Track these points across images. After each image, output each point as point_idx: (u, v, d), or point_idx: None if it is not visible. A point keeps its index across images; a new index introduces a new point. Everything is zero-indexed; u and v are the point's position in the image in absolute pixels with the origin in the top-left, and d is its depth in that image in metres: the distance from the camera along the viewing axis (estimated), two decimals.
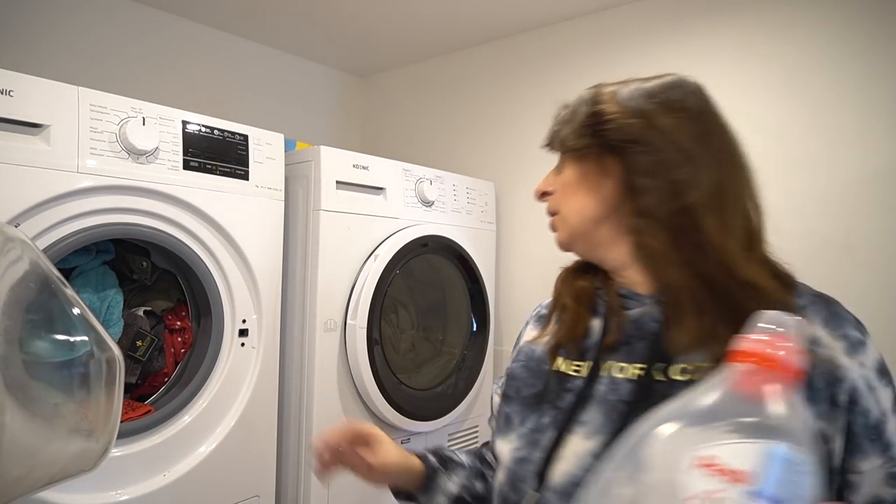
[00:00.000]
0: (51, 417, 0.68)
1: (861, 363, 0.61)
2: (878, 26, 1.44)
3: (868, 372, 0.61)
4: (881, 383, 0.61)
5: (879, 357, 0.63)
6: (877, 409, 0.60)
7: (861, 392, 0.60)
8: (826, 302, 0.65)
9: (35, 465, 0.65)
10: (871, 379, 0.61)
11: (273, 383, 1.43)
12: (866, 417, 0.60)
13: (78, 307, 0.70)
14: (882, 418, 0.60)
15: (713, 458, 0.41)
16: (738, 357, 0.44)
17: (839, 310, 0.64)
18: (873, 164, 1.43)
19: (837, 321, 0.63)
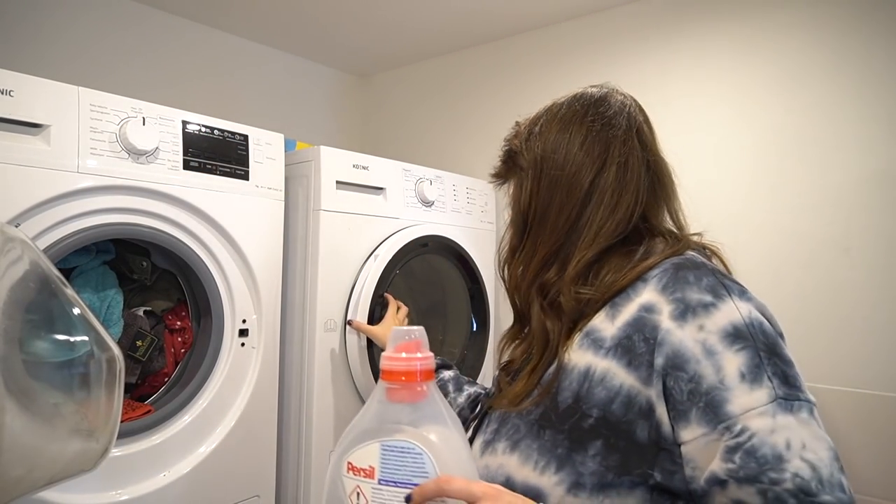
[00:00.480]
0: (51, 417, 0.68)
1: (699, 326, 0.58)
2: (878, 28, 1.44)
3: (708, 336, 0.57)
4: (728, 348, 0.56)
5: (737, 320, 0.58)
6: (714, 375, 0.55)
7: (688, 356, 0.57)
8: (676, 268, 0.63)
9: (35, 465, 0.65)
10: (710, 343, 0.57)
11: (273, 383, 1.43)
12: (696, 383, 0.56)
13: (78, 307, 0.70)
14: (719, 385, 0.55)
15: (351, 462, 0.57)
16: (384, 377, 0.59)
17: (688, 275, 0.62)
18: (872, 165, 1.43)
19: (677, 285, 0.61)
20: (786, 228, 1.53)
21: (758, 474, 0.52)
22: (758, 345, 0.57)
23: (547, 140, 0.74)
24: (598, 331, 0.65)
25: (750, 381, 0.55)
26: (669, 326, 0.59)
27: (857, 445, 1.39)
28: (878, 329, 1.40)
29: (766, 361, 0.56)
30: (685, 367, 0.57)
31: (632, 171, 0.71)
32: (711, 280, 0.61)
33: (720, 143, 1.66)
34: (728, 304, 0.59)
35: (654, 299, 0.62)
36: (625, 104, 0.76)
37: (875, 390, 1.40)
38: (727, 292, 0.60)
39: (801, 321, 1.50)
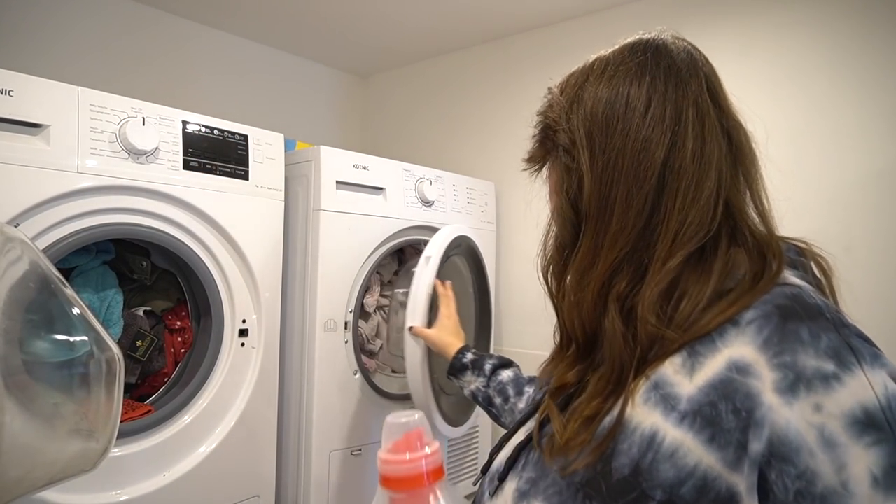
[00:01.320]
0: (51, 417, 0.68)
1: (816, 406, 0.43)
2: (880, 27, 1.44)
3: (828, 421, 0.42)
4: (857, 441, 0.41)
5: (870, 401, 0.42)
6: (834, 475, 0.41)
7: (798, 445, 0.42)
8: (783, 316, 0.47)
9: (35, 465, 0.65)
10: (831, 431, 0.42)
11: (273, 383, 1.43)
12: (807, 482, 0.42)
13: (78, 307, 0.70)
14: (840, 489, 0.41)
15: None
16: (383, 483, 0.48)
17: (802, 329, 0.45)
18: (874, 164, 1.43)
19: (785, 344, 0.45)
20: (785, 227, 1.53)
21: None
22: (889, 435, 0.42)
23: (596, 108, 0.56)
24: (671, 385, 0.49)
25: (885, 487, 0.40)
26: (773, 402, 0.44)
27: None
28: (879, 329, 1.40)
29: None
30: (794, 458, 0.42)
31: (710, 145, 0.54)
32: (834, 340, 0.45)
33: None
34: (857, 378, 0.43)
35: (751, 358, 0.46)
36: (690, 52, 0.58)
37: None
38: (856, 359, 0.44)
39: None
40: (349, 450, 1.52)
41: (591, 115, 0.56)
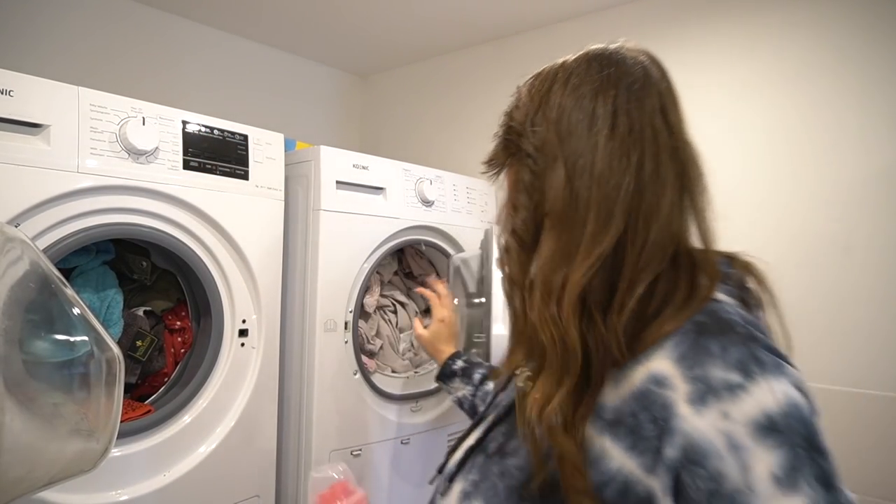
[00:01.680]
0: (51, 417, 0.68)
1: (723, 414, 0.46)
2: (880, 27, 1.44)
3: (734, 427, 0.46)
4: (759, 444, 0.45)
5: (771, 407, 0.46)
6: (740, 476, 0.45)
7: (708, 450, 0.46)
8: (697, 332, 0.50)
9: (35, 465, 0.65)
10: (736, 436, 0.46)
11: (273, 383, 1.43)
12: (716, 483, 0.45)
13: (78, 307, 0.70)
14: (745, 489, 0.44)
15: None
16: None
17: (711, 344, 0.49)
18: (874, 164, 1.43)
19: (698, 358, 0.48)
20: (786, 227, 1.53)
21: None
22: (795, 440, 0.46)
23: (561, 118, 0.57)
24: (600, 395, 0.53)
25: (785, 486, 0.44)
26: (685, 412, 0.47)
27: (857, 445, 1.39)
28: (879, 328, 1.40)
29: (805, 461, 0.46)
30: (704, 462, 0.46)
31: (664, 165, 0.56)
32: (741, 352, 0.48)
33: (720, 142, 1.66)
34: (760, 387, 0.47)
35: (668, 372, 0.49)
36: (646, 68, 0.59)
37: (875, 390, 1.40)
38: (759, 369, 0.48)
39: (800, 321, 1.49)
40: (349, 450, 1.52)
41: (555, 123, 0.58)
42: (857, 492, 0.52)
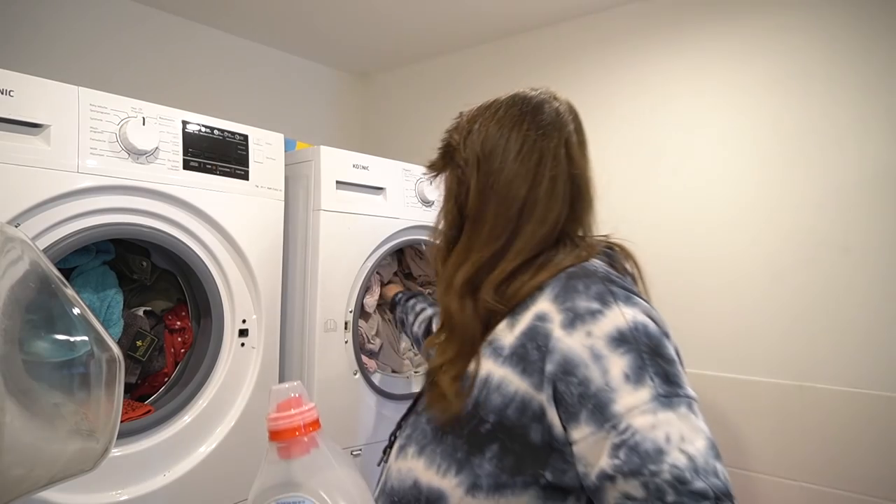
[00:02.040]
0: (51, 417, 0.68)
1: (587, 333, 0.61)
2: (877, 29, 1.44)
3: (595, 341, 0.61)
4: (614, 352, 0.60)
5: (622, 325, 0.61)
6: (601, 378, 0.59)
7: (577, 362, 0.61)
8: (568, 277, 0.67)
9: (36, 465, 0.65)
10: (597, 348, 0.60)
11: (273, 383, 1.42)
12: (585, 386, 0.59)
13: (78, 307, 0.70)
14: (605, 387, 0.59)
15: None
16: (271, 437, 0.61)
17: (578, 284, 0.65)
18: (871, 165, 1.43)
19: (567, 294, 0.65)
20: (785, 228, 1.53)
21: (640, 468, 0.56)
22: (641, 347, 0.60)
23: (485, 141, 0.75)
24: (499, 339, 0.68)
25: (633, 382, 0.58)
26: (560, 335, 0.62)
27: (858, 445, 1.39)
28: (879, 329, 1.41)
29: (648, 363, 0.59)
30: (575, 371, 0.60)
31: (559, 185, 0.73)
32: (599, 288, 0.64)
33: (720, 142, 1.66)
34: (613, 311, 0.62)
35: (547, 308, 0.65)
36: (559, 114, 0.77)
37: (875, 390, 1.40)
38: (613, 299, 0.63)
39: (800, 321, 1.50)
40: (349, 449, 1.52)
41: (480, 145, 0.76)
42: (856, 492, 0.53)
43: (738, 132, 1.63)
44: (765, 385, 1.54)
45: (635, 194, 1.76)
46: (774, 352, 1.54)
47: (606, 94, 1.87)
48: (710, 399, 1.61)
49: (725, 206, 1.63)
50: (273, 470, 0.61)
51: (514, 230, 0.72)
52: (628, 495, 0.56)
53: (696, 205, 1.68)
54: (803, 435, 1.47)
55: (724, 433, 1.60)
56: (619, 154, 1.82)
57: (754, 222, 1.58)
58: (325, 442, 0.63)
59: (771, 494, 1.51)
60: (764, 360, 1.55)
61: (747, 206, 1.60)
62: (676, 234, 1.70)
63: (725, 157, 1.65)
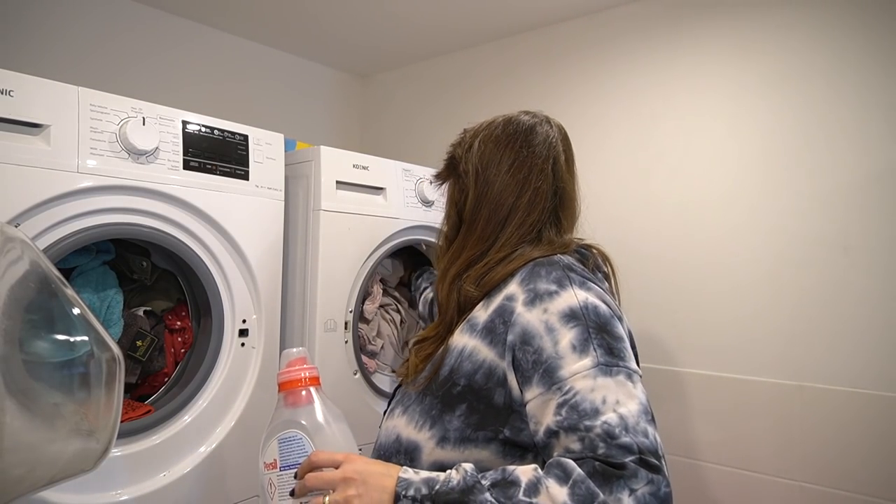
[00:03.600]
0: (51, 417, 0.68)
1: (544, 310, 0.72)
2: (877, 29, 1.44)
3: (549, 317, 0.71)
4: (564, 326, 0.70)
5: (574, 304, 0.72)
6: (552, 347, 0.69)
7: (533, 333, 0.71)
8: (534, 265, 0.78)
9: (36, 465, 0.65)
10: (551, 322, 0.71)
11: (273, 383, 1.42)
12: (538, 354, 0.70)
13: (78, 307, 0.70)
14: (555, 355, 0.69)
15: (263, 461, 0.73)
16: (280, 389, 0.79)
17: (541, 270, 0.76)
18: (872, 165, 1.43)
19: (531, 278, 0.76)
20: (785, 227, 1.53)
21: (577, 423, 0.64)
22: (588, 323, 0.70)
23: (483, 156, 0.88)
24: (475, 318, 0.80)
25: (579, 351, 0.68)
26: (521, 311, 0.73)
27: (857, 445, 1.39)
28: (878, 329, 1.40)
29: (594, 336, 0.69)
30: (531, 342, 0.71)
31: (541, 196, 0.86)
32: (559, 273, 0.75)
33: (720, 142, 1.66)
34: (568, 292, 0.73)
35: (514, 290, 0.76)
36: (548, 136, 0.89)
37: (875, 390, 1.40)
38: (569, 283, 0.74)
39: (800, 321, 1.50)
40: None
41: (478, 159, 0.89)
42: (856, 492, 0.53)
43: (738, 131, 1.63)
44: (765, 385, 1.54)
45: (635, 194, 1.76)
46: (774, 352, 1.54)
47: (606, 95, 1.87)
48: (710, 399, 1.62)
49: (725, 206, 1.63)
50: (277, 415, 0.74)
51: (499, 232, 0.85)
52: (568, 448, 0.64)
53: (695, 204, 1.68)
54: (803, 435, 1.47)
55: (724, 433, 1.60)
56: (618, 154, 1.82)
57: (754, 222, 1.58)
58: (319, 397, 0.78)
59: (771, 494, 1.51)
60: (764, 360, 1.55)
61: (747, 206, 1.60)
62: (676, 234, 1.70)
63: (725, 158, 1.65)
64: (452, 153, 0.96)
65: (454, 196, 0.93)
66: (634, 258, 1.71)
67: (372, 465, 0.69)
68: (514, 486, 0.62)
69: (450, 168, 0.95)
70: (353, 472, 0.67)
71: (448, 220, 0.94)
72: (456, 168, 0.93)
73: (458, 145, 0.95)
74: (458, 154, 0.94)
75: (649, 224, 1.73)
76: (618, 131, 1.83)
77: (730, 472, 1.57)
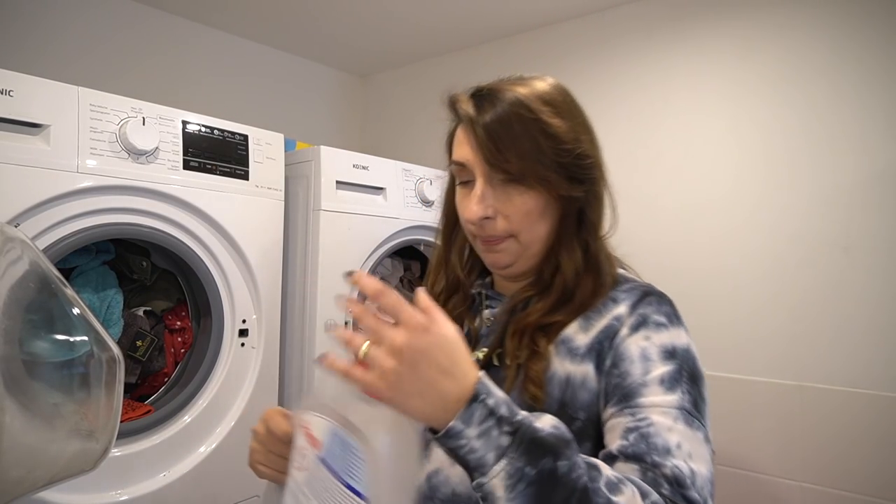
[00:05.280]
0: (51, 418, 0.68)
1: (646, 337, 0.66)
2: (877, 28, 1.44)
3: (650, 346, 0.65)
4: (661, 360, 0.63)
5: (679, 344, 0.65)
6: (640, 374, 0.63)
7: (627, 357, 0.64)
8: (644, 293, 0.70)
9: (36, 465, 0.65)
10: (649, 352, 0.64)
11: (273, 383, 1.43)
12: (622, 378, 0.63)
13: (78, 307, 0.70)
14: (640, 381, 0.62)
15: (307, 424, 0.58)
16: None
17: (653, 299, 0.69)
18: (872, 166, 1.43)
19: (641, 304, 0.69)
20: (786, 227, 1.53)
21: (644, 455, 0.57)
22: (685, 368, 0.64)
23: (574, 130, 0.71)
24: (572, 341, 0.69)
25: (666, 386, 0.62)
26: (624, 333, 0.66)
27: (858, 445, 1.39)
28: (878, 329, 1.40)
29: (686, 382, 0.63)
30: (620, 364, 0.64)
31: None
32: (669, 309, 0.69)
33: (720, 142, 1.66)
34: (677, 330, 0.67)
35: (624, 313, 0.68)
36: None
37: (875, 390, 1.40)
38: (679, 322, 0.69)
39: (800, 321, 1.50)
40: None
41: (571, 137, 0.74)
42: (857, 492, 0.53)
43: (738, 132, 1.63)
44: (765, 385, 1.54)
45: (635, 193, 1.76)
46: (774, 352, 1.54)
47: (606, 94, 1.87)
48: (710, 399, 1.61)
49: (726, 205, 1.63)
50: (347, 390, 0.55)
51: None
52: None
53: (695, 203, 1.68)
54: (803, 435, 1.47)
55: (724, 433, 1.59)
56: (618, 154, 1.82)
57: (755, 222, 1.58)
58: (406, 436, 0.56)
59: (771, 494, 1.51)
60: (764, 359, 1.55)
61: (748, 206, 1.60)
62: (676, 234, 1.70)
63: (725, 158, 1.65)
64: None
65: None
66: (634, 258, 1.71)
67: (437, 350, 0.50)
68: (596, 470, 0.53)
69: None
70: (407, 348, 0.49)
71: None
72: (569, 168, 0.74)
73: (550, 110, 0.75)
74: (566, 139, 0.72)
75: (649, 223, 1.73)
76: (618, 131, 1.83)
77: (730, 473, 1.57)
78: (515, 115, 0.67)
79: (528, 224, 0.71)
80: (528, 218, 0.70)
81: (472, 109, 0.69)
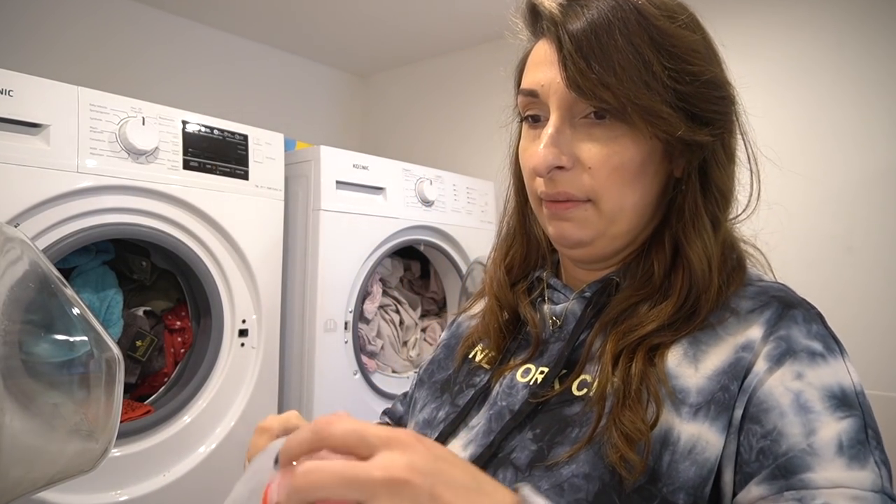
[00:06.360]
0: (50, 418, 0.68)
1: (797, 374, 0.43)
2: (879, 28, 1.44)
3: (806, 388, 0.42)
4: (830, 412, 0.42)
5: (848, 384, 0.44)
6: (802, 437, 0.41)
7: (775, 407, 0.42)
8: (783, 302, 0.48)
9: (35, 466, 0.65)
10: (807, 398, 0.42)
11: (273, 383, 1.43)
12: (771, 440, 0.41)
13: (78, 307, 0.70)
14: (806, 448, 0.40)
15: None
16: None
17: (797, 314, 0.47)
18: (875, 165, 1.43)
19: (784, 324, 0.46)
20: (788, 227, 1.53)
21: None
22: (867, 421, 0.43)
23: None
24: (676, 377, 0.45)
25: (850, 456, 0.40)
26: (760, 368, 0.43)
27: None
28: (882, 328, 1.40)
29: (873, 444, 0.42)
30: (763, 418, 0.42)
31: None
32: (821, 329, 0.47)
33: None
34: (840, 363, 0.45)
35: (756, 337, 0.45)
36: None
37: (876, 390, 1.40)
38: (838, 348, 0.47)
39: None
40: None
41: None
42: None
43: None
44: None
45: None
46: None
47: None
48: None
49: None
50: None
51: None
52: None
53: None
54: None
55: None
56: None
57: (756, 221, 1.58)
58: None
59: None
60: None
61: (749, 205, 1.60)
62: None
63: None
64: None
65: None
66: None
67: (449, 465, 0.31)
68: None
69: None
70: (411, 472, 0.28)
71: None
72: (690, 99, 0.54)
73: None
74: (694, 58, 0.55)
75: None
76: None
77: None
78: (619, 20, 0.47)
79: (616, 183, 0.48)
80: (619, 174, 0.48)
81: (557, 11, 0.48)
